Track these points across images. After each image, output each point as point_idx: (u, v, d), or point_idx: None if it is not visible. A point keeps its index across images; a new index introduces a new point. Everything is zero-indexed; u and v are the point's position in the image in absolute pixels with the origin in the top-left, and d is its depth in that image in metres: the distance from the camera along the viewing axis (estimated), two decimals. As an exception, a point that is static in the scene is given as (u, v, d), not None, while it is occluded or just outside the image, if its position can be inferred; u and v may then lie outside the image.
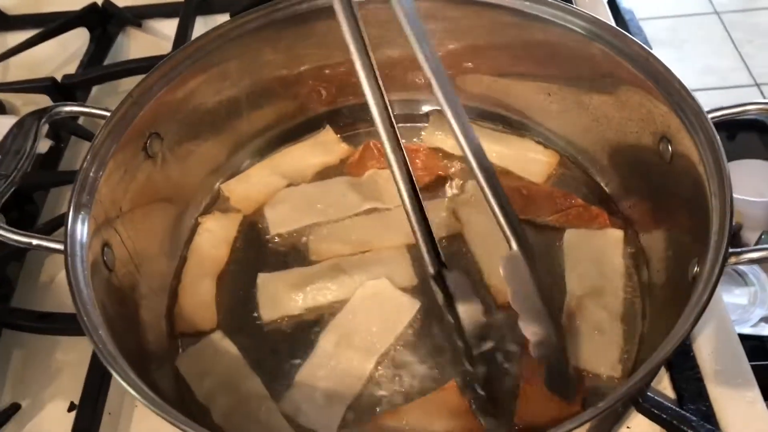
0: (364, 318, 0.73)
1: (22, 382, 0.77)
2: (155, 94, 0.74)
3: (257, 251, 0.82)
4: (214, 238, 0.82)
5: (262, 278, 0.78)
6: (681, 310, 0.54)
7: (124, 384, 0.52)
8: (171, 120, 0.78)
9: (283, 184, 0.87)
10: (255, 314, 0.76)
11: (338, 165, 0.90)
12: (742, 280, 1.38)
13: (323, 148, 0.91)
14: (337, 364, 0.71)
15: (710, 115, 0.64)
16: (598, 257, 0.76)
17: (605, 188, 0.84)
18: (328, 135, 0.92)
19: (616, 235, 0.78)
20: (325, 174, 0.90)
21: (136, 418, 0.73)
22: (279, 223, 0.84)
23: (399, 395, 0.70)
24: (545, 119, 0.87)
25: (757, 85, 2.36)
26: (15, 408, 0.73)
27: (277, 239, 0.83)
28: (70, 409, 0.74)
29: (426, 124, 0.93)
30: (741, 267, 1.40)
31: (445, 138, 0.90)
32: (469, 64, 0.88)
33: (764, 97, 2.30)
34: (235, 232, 0.84)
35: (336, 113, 0.94)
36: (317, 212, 0.84)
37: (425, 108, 0.94)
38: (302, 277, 0.77)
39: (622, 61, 0.72)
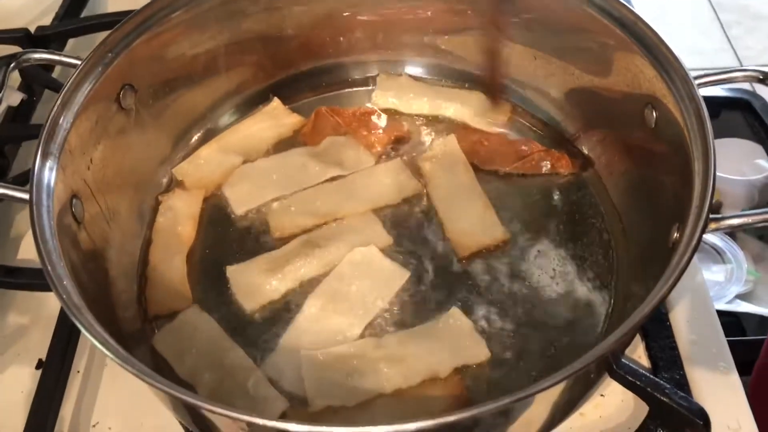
0: (352, 284, 0.72)
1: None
2: (130, 43, 0.72)
3: (226, 229, 0.80)
4: (178, 216, 0.79)
5: (232, 270, 0.75)
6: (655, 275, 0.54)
7: (88, 334, 0.50)
8: (146, 72, 0.76)
9: (239, 161, 0.84)
10: (231, 291, 0.74)
11: (292, 136, 0.88)
12: (720, 257, 1.39)
13: (274, 120, 0.88)
14: (324, 328, 0.69)
15: (697, 81, 0.63)
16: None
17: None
18: (275, 106, 0.89)
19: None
20: (280, 147, 0.87)
21: (106, 376, 0.72)
22: (241, 201, 0.81)
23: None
24: (530, 83, 0.86)
25: (723, 82, 2.36)
26: (-18, 361, 0.72)
27: (242, 217, 0.81)
28: (38, 366, 0.73)
29: (373, 87, 0.91)
30: (719, 245, 1.41)
31: (397, 98, 0.89)
32: (456, 26, 0.86)
33: (751, 84, 2.30)
34: (199, 209, 0.80)
35: (280, 84, 0.91)
36: (279, 186, 0.81)
37: (372, 71, 0.93)
38: (275, 260, 0.75)
39: (610, 24, 0.71)
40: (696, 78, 0.63)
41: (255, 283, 0.73)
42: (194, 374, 0.67)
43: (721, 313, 0.73)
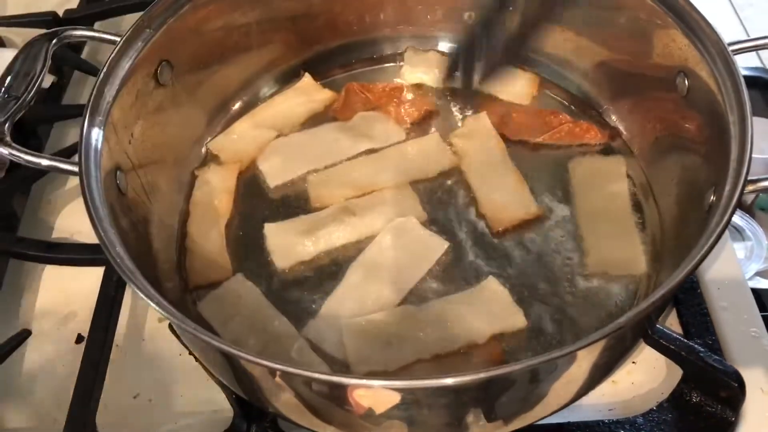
0: (392, 254, 0.73)
1: (32, 312, 0.77)
2: (166, 20, 0.73)
3: (261, 201, 0.81)
4: (214, 190, 0.80)
5: (269, 228, 0.77)
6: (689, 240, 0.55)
7: (144, 296, 0.51)
8: (182, 48, 0.77)
9: (272, 135, 0.85)
10: (269, 261, 0.75)
11: (324, 112, 0.89)
12: (739, 235, 1.39)
13: (305, 96, 0.89)
14: (365, 296, 0.71)
15: (731, 48, 0.63)
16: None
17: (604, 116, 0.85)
18: (307, 82, 0.90)
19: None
20: (312, 122, 0.88)
21: (144, 350, 0.73)
22: (275, 174, 0.82)
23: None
24: (559, 56, 0.87)
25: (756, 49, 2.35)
26: (26, 334, 0.73)
27: (276, 190, 0.82)
28: (77, 341, 0.74)
29: (402, 63, 0.92)
30: (738, 223, 1.41)
31: (426, 73, 0.90)
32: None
33: (762, 61, 2.30)
34: (234, 183, 0.82)
35: (311, 61, 0.92)
36: (312, 159, 0.82)
37: (402, 47, 0.93)
38: (311, 223, 0.77)
39: (639, -6, 0.71)
40: (730, 45, 0.64)
41: (289, 242, 0.75)
42: (239, 340, 0.68)
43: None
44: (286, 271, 0.74)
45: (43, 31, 0.71)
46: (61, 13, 1.03)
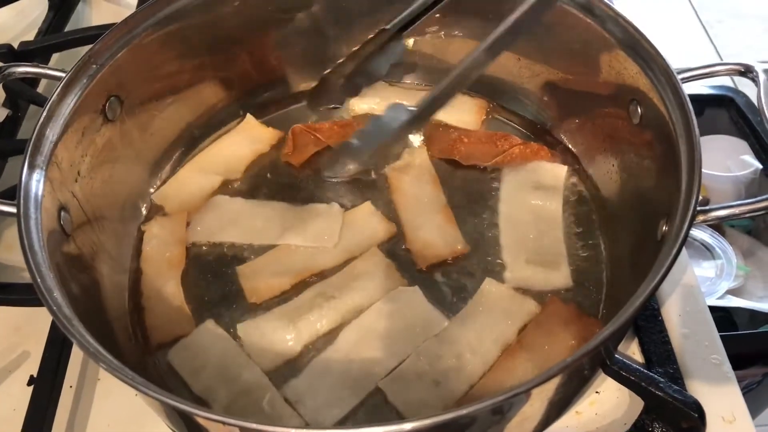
0: (388, 322, 0.70)
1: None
2: (115, 54, 0.72)
3: (215, 247, 0.79)
4: (163, 244, 0.77)
5: (243, 328, 0.71)
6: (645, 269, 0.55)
7: (78, 344, 0.50)
8: (131, 82, 0.75)
9: (218, 181, 0.83)
10: (233, 304, 0.73)
11: (270, 151, 0.87)
12: (710, 254, 1.40)
13: (250, 137, 0.87)
14: (354, 361, 0.67)
15: (680, 76, 0.64)
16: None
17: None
18: (249, 122, 0.88)
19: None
20: (259, 163, 0.86)
21: (99, 390, 0.71)
22: (197, 232, 0.78)
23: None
24: (514, 83, 0.87)
25: (706, 77, 2.38)
26: (-27, 380, 0.71)
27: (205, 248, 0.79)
28: (30, 383, 0.72)
29: None
30: (708, 241, 1.42)
31: (375, 103, 0.89)
32: (441, 29, 0.87)
33: (732, 80, 2.33)
34: (184, 232, 0.79)
35: (256, 96, 0.91)
36: (239, 233, 0.78)
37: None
38: (287, 315, 0.71)
39: (592, 22, 0.71)
40: (679, 73, 0.64)
41: (269, 341, 0.70)
42: (209, 391, 0.66)
43: (713, 309, 0.74)
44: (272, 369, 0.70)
45: (-3, 63, 0.70)
46: (16, 45, 1.01)
